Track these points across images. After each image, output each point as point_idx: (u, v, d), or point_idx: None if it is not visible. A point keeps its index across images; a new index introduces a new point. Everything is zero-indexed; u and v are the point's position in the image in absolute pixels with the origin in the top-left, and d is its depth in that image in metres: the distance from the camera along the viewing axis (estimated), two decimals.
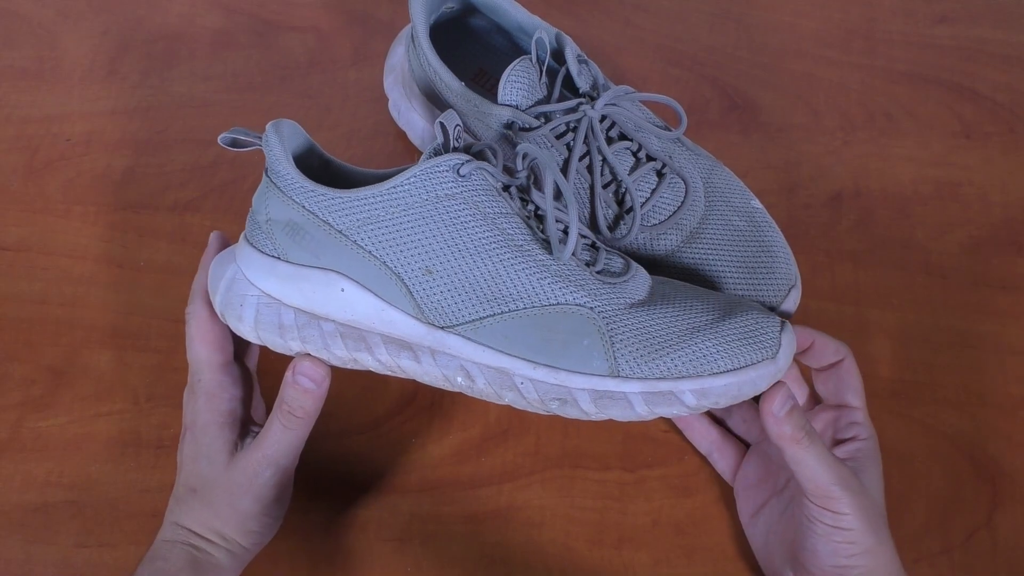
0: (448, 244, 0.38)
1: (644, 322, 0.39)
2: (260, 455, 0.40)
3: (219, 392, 0.41)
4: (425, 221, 0.38)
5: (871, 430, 0.42)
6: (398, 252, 0.38)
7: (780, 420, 0.38)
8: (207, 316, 0.41)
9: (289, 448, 0.40)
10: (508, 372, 0.39)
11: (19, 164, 0.55)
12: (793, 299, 0.46)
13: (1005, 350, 0.49)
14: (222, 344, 0.42)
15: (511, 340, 0.39)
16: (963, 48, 0.60)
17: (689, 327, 0.39)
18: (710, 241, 0.46)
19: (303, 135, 0.41)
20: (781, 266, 0.46)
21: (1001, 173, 0.55)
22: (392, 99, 0.54)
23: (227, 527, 0.40)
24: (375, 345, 0.40)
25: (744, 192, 0.48)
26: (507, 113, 0.45)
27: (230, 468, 0.40)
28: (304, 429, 0.41)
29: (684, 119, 0.46)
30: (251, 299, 0.40)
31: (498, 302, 0.38)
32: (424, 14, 0.48)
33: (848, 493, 0.37)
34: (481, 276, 0.38)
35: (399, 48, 0.54)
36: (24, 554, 0.45)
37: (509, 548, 0.45)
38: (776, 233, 0.47)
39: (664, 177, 0.46)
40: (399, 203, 0.38)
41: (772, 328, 0.39)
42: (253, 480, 0.40)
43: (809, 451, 0.38)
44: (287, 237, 0.40)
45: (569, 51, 0.46)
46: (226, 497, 0.40)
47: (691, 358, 0.38)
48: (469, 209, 0.38)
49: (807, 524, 0.39)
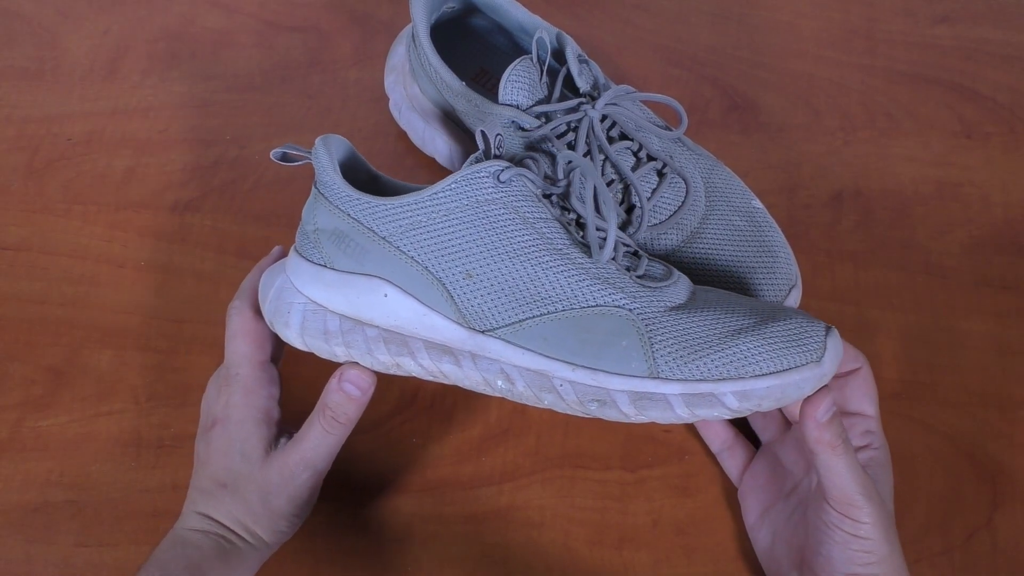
0: (488, 248, 0.39)
1: (684, 324, 0.39)
2: (299, 457, 0.40)
3: (258, 388, 0.42)
4: (465, 226, 0.39)
5: (884, 439, 0.42)
6: (440, 256, 0.39)
7: (822, 426, 0.38)
8: (252, 314, 0.42)
9: (328, 452, 0.41)
10: (547, 374, 0.39)
11: (20, 164, 0.55)
12: (793, 299, 0.46)
13: (1006, 350, 0.49)
14: (263, 343, 0.42)
15: (550, 342, 0.39)
16: (964, 48, 0.60)
17: (731, 329, 0.38)
18: (710, 240, 0.46)
19: (351, 149, 0.43)
20: (781, 266, 0.46)
21: (1002, 173, 0.55)
22: (393, 99, 0.54)
23: (257, 524, 0.40)
24: (417, 350, 0.41)
25: (745, 192, 0.48)
26: (508, 113, 0.45)
27: (266, 466, 0.40)
28: (344, 434, 0.41)
29: (684, 119, 0.46)
30: (298, 306, 0.41)
31: (537, 304, 0.39)
32: (425, 14, 0.48)
33: (870, 503, 0.38)
34: (520, 279, 0.39)
35: (400, 48, 0.54)
36: (24, 554, 0.45)
37: (509, 548, 0.45)
38: (776, 233, 0.47)
39: (665, 177, 0.46)
40: (440, 208, 0.39)
41: (817, 332, 0.39)
42: (290, 481, 0.40)
43: (843, 459, 0.38)
44: (333, 245, 0.41)
45: (570, 51, 0.46)
46: (260, 495, 0.40)
47: (732, 359, 0.38)
48: (509, 214, 0.39)
49: (824, 530, 0.39)
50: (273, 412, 0.42)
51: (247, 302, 0.43)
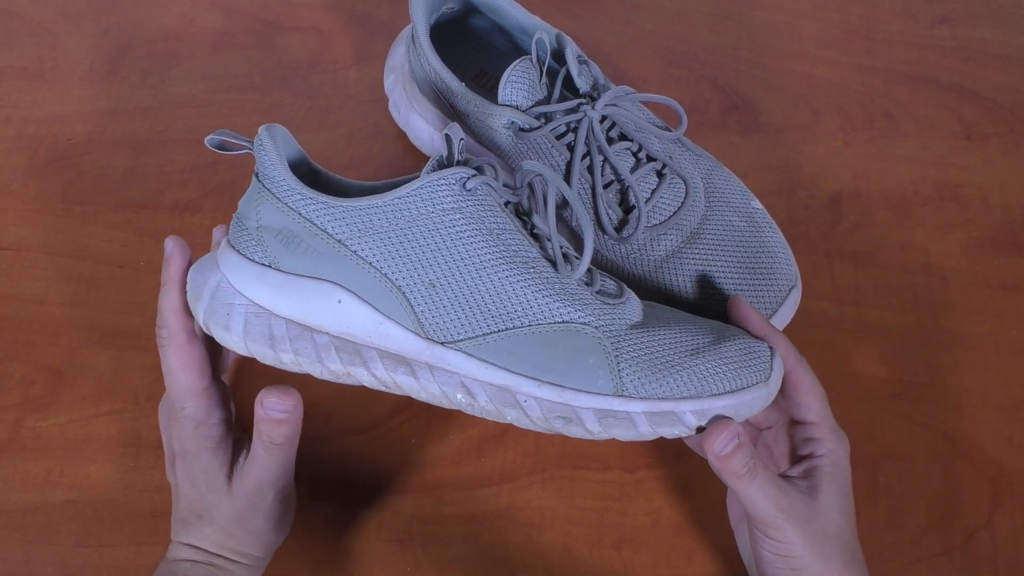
0: (452, 258, 0.38)
1: (647, 342, 0.39)
2: (255, 482, 0.40)
3: (207, 419, 0.40)
4: (430, 233, 0.37)
5: (834, 443, 0.40)
6: (400, 264, 0.38)
7: (723, 459, 0.38)
8: (184, 340, 0.40)
9: (281, 469, 0.40)
10: (511, 390, 0.39)
11: (19, 164, 0.55)
12: (793, 299, 0.46)
13: (1005, 351, 0.49)
14: (203, 368, 0.40)
15: (515, 357, 0.38)
16: (963, 49, 0.60)
17: (690, 349, 0.39)
18: (710, 241, 0.46)
19: (293, 143, 0.41)
20: (781, 266, 0.46)
21: (1001, 174, 0.55)
22: (393, 100, 0.54)
23: (243, 544, 0.40)
24: (371, 359, 0.39)
25: (744, 192, 0.48)
26: (508, 114, 0.45)
27: (232, 494, 0.40)
28: (288, 452, 0.40)
29: (684, 119, 0.46)
30: (239, 308, 0.39)
31: (502, 318, 0.38)
32: (424, 15, 0.48)
33: (790, 523, 0.37)
34: (486, 291, 0.38)
35: (399, 48, 0.54)
36: (24, 554, 0.45)
37: (509, 548, 0.45)
38: (776, 234, 0.47)
39: (664, 177, 0.46)
40: (402, 215, 0.37)
41: (763, 352, 0.40)
42: (258, 504, 0.40)
43: (751, 486, 0.38)
44: (280, 245, 0.39)
45: (569, 51, 0.46)
46: (235, 519, 0.40)
47: (692, 379, 0.38)
48: (474, 224, 0.38)
49: (757, 547, 0.39)
50: (227, 436, 0.41)
51: (175, 326, 0.40)
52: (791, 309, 0.46)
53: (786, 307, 0.46)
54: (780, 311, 0.46)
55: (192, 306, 0.40)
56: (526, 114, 0.45)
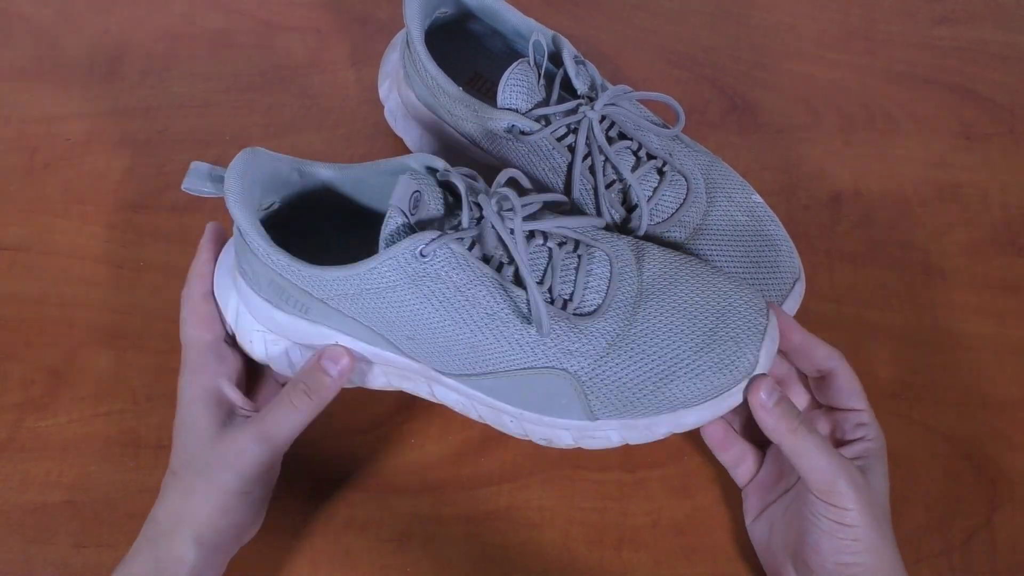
0: (424, 318, 0.39)
1: (618, 374, 0.39)
2: (255, 429, 0.40)
3: (204, 368, 0.42)
4: (400, 297, 0.38)
5: (878, 431, 0.41)
6: (379, 321, 0.40)
7: (770, 410, 0.38)
8: (199, 298, 0.43)
9: (289, 429, 0.40)
10: (499, 410, 0.42)
11: (18, 164, 0.55)
12: (798, 291, 0.46)
13: (1005, 351, 0.49)
14: (211, 324, 0.43)
15: (496, 392, 0.41)
16: (963, 49, 0.60)
17: (665, 372, 0.39)
18: (713, 237, 0.46)
19: (268, 162, 0.41)
20: (784, 259, 0.46)
21: (1001, 174, 0.55)
22: (388, 106, 0.54)
23: (199, 509, 0.39)
24: (380, 374, 0.43)
25: (744, 187, 0.48)
26: (508, 117, 0.45)
27: (215, 442, 0.40)
28: (309, 414, 0.41)
29: (682, 116, 0.46)
30: (258, 335, 0.43)
31: (478, 365, 0.40)
32: (419, 20, 0.47)
33: (853, 488, 0.37)
34: (460, 345, 0.39)
35: (393, 55, 0.54)
36: (23, 554, 0.45)
37: (509, 549, 0.45)
38: (778, 227, 0.47)
39: (665, 175, 0.46)
40: (370, 284, 0.38)
41: (752, 347, 0.39)
42: (239, 455, 0.40)
43: (807, 440, 0.38)
44: (273, 291, 0.41)
45: (566, 53, 0.46)
46: (205, 472, 0.39)
47: (665, 400, 0.39)
48: (440, 284, 0.38)
49: (811, 520, 0.38)
50: (223, 390, 0.42)
51: (194, 288, 0.43)
52: (796, 301, 0.46)
53: (791, 299, 0.46)
54: (785, 304, 0.46)
55: (223, 314, 0.43)
56: (526, 117, 0.44)
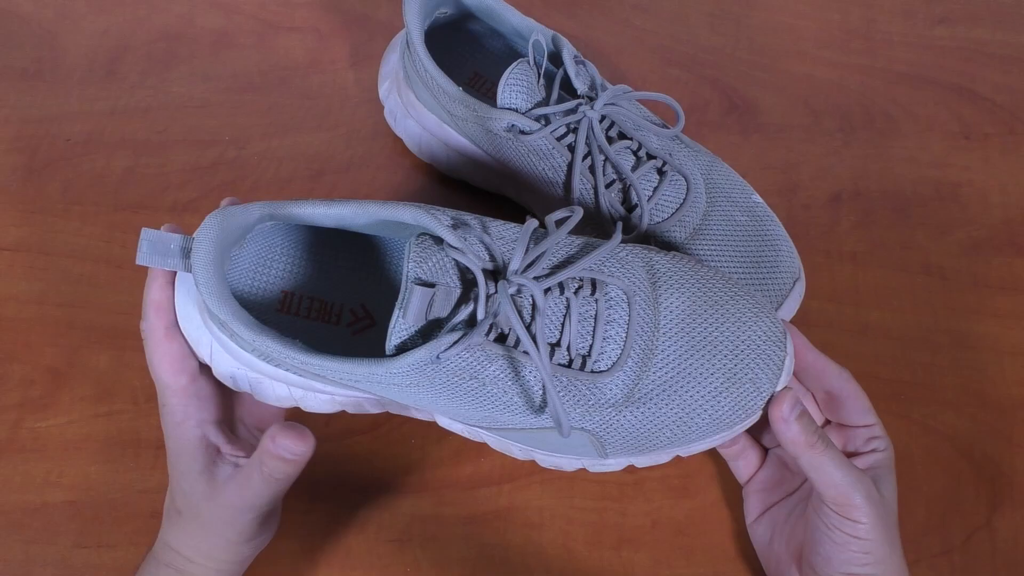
0: (438, 399, 0.37)
1: (635, 425, 0.39)
2: (240, 502, 0.38)
3: (184, 420, 0.39)
4: (410, 389, 0.37)
5: (888, 441, 0.41)
6: (386, 395, 0.38)
7: (791, 425, 0.38)
8: (162, 335, 0.38)
9: (273, 498, 0.39)
10: (508, 444, 0.41)
11: (19, 164, 0.55)
12: (798, 291, 0.46)
13: (1004, 351, 0.49)
14: (182, 363, 0.39)
15: (509, 436, 0.40)
16: (963, 49, 0.60)
17: (682, 419, 0.39)
18: (713, 237, 0.46)
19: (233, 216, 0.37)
20: (784, 260, 0.46)
21: (1001, 174, 0.55)
22: (388, 107, 0.54)
23: (215, 550, 0.40)
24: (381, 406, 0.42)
25: (744, 187, 0.48)
26: (508, 117, 0.45)
27: (211, 501, 0.38)
28: (286, 486, 0.39)
29: (681, 116, 0.46)
30: (240, 373, 0.39)
31: (493, 424, 0.39)
32: (419, 20, 0.47)
33: (869, 503, 0.37)
34: (474, 416, 0.39)
35: (392, 55, 0.54)
36: (23, 554, 0.45)
37: (508, 549, 0.45)
38: (778, 226, 0.47)
39: (665, 175, 0.46)
40: (379, 379, 0.36)
41: (764, 393, 0.39)
42: (236, 518, 0.39)
43: (825, 455, 0.38)
44: (260, 355, 0.38)
45: (566, 52, 0.46)
46: (211, 526, 0.39)
47: (680, 441, 0.39)
48: (455, 377, 0.36)
49: (824, 531, 0.38)
50: (206, 439, 0.39)
51: (155, 322, 0.39)
52: (796, 301, 0.46)
53: (791, 299, 0.46)
54: (786, 304, 0.46)
55: (195, 349, 0.39)
56: (525, 116, 0.44)
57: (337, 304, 0.42)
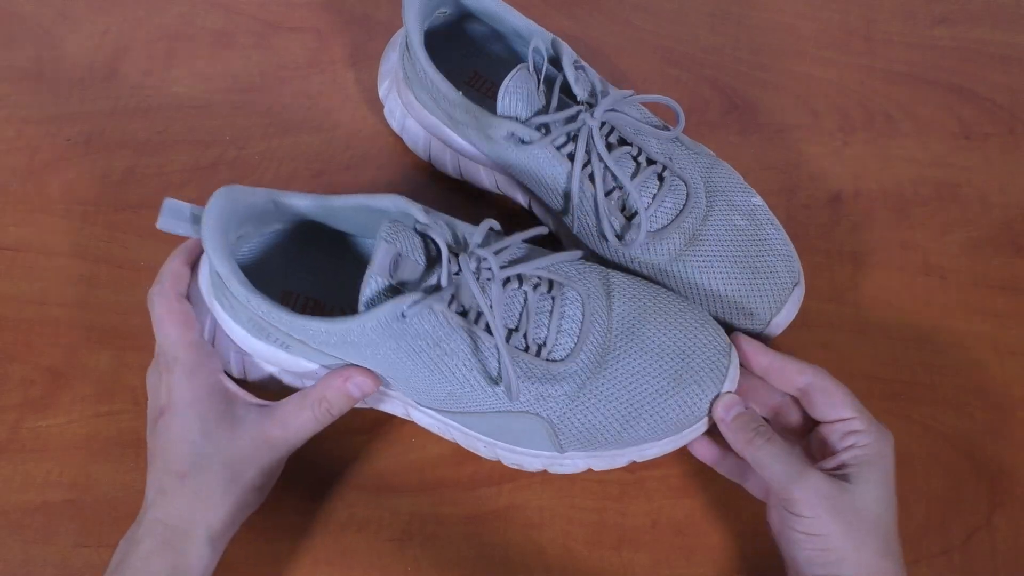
0: (404, 368, 0.40)
1: (587, 416, 0.41)
2: (282, 435, 0.41)
3: (199, 367, 0.41)
4: (380, 351, 0.39)
5: (874, 437, 0.40)
6: (360, 362, 0.41)
7: (728, 425, 0.39)
8: (174, 297, 0.42)
9: (304, 433, 0.42)
10: (473, 437, 0.43)
11: (19, 164, 0.55)
12: (797, 296, 0.46)
13: (1004, 351, 0.50)
14: (191, 322, 0.42)
15: (470, 424, 0.43)
16: (962, 49, 0.60)
17: (631, 414, 0.41)
18: (712, 242, 0.46)
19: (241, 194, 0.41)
20: (783, 264, 0.46)
21: (1000, 174, 0.55)
22: (388, 106, 0.54)
23: (210, 512, 0.39)
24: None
25: (745, 189, 0.48)
26: (507, 125, 0.45)
27: (235, 438, 0.40)
28: (323, 425, 0.42)
29: (682, 118, 0.46)
30: (235, 355, 0.43)
31: (455, 404, 0.41)
32: (418, 22, 0.47)
33: (815, 496, 0.37)
34: (437, 390, 0.41)
35: (392, 54, 0.53)
36: (23, 554, 0.45)
37: (508, 549, 0.45)
38: (778, 230, 0.47)
39: (665, 180, 0.45)
40: (351, 339, 0.39)
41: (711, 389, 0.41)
42: (266, 453, 0.41)
43: (763, 449, 0.38)
44: (253, 326, 0.41)
45: (566, 58, 0.46)
46: (224, 470, 0.40)
47: (630, 438, 0.42)
48: (419, 340, 0.39)
49: (785, 533, 0.39)
50: (223, 384, 0.42)
51: (168, 286, 0.42)
52: (795, 306, 0.46)
53: (790, 304, 0.46)
54: (784, 309, 0.46)
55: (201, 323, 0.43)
56: (525, 125, 0.44)
57: (331, 305, 0.45)
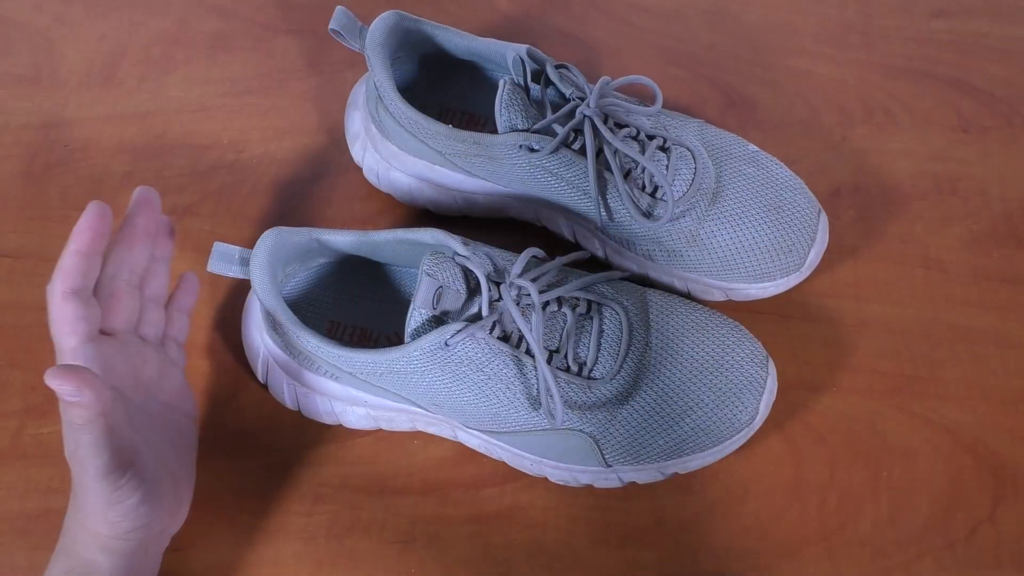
0: (450, 393, 0.41)
1: (630, 431, 0.42)
2: (87, 465, 0.37)
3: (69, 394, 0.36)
4: (426, 379, 0.41)
5: None
6: (407, 391, 0.42)
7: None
8: (59, 297, 0.38)
9: (100, 448, 0.36)
10: (520, 456, 0.44)
11: (17, 171, 0.55)
12: (823, 223, 0.48)
13: (1006, 344, 0.49)
14: (74, 327, 0.38)
15: (517, 444, 0.44)
16: (960, 42, 0.60)
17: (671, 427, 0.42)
18: (731, 195, 0.47)
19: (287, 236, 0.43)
20: (801, 196, 0.48)
21: (1000, 167, 0.55)
22: (366, 166, 0.52)
23: (90, 519, 0.38)
24: (406, 420, 0.46)
25: (738, 140, 0.49)
26: (513, 138, 0.45)
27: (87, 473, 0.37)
28: (103, 430, 0.36)
29: (659, 94, 0.47)
30: (289, 387, 0.46)
31: (499, 425, 0.43)
32: (387, 74, 0.47)
33: None
34: (483, 412, 0.42)
35: (355, 114, 0.52)
36: (28, 561, 0.45)
37: (513, 548, 0.45)
38: (782, 168, 0.49)
39: (670, 150, 0.46)
40: (397, 368, 0.41)
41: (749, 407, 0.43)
42: (88, 472, 0.37)
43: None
44: (303, 359, 0.44)
45: (548, 63, 0.47)
46: (82, 492, 0.38)
47: (674, 452, 0.43)
48: (464, 366, 0.40)
49: None
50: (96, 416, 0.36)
51: (57, 284, 0.38)
52: (825, 231, 0.48)
53: (820, 230, 0.48)
54: (818, 236, 0.47)
55: (252, 364, 0.47)
56: (532, 134, 0.45)
57: (377, 332, 0.47)
